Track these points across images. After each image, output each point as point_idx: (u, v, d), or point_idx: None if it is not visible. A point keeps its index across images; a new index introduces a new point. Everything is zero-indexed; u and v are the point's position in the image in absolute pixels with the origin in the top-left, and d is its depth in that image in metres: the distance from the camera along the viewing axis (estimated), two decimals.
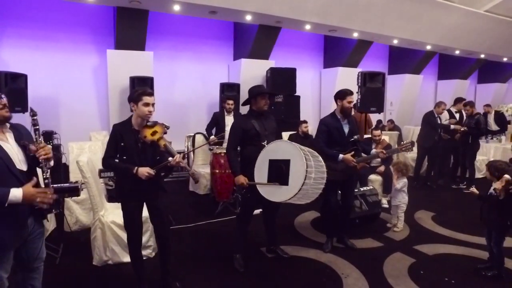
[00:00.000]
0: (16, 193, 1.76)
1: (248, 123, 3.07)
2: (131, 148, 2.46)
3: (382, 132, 5.86)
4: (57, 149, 5.48)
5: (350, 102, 3.45)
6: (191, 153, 5.58)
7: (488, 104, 8.12)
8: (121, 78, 6.32)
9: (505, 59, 11.21)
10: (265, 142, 2.98)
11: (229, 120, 5.41)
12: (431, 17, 7.90)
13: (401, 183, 4.16)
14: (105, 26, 6.66)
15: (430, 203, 5.24)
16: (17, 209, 1.85)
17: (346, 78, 8.36)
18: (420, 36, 8.41)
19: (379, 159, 5.05)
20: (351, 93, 3.48)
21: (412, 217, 4.63)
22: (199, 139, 5.76)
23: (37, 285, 2.22)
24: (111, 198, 4.65)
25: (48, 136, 5.65)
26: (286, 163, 2.70)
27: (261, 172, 2.87)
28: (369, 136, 5.46)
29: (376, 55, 10.04)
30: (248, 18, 6.67)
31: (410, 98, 10.28)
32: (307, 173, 2.55)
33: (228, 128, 5.33)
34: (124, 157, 2.48)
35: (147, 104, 2.46)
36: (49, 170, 1.99)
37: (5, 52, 6.07)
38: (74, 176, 4.20)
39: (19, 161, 1.93)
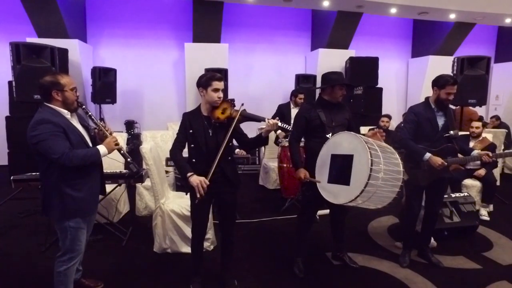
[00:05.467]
0: (101, 149, 2.17)
1: (313, 113, 2.73)
2: (199, 135, 2.37)
3: (485, 130, 4.89)
4: (136, 137, 5.85)
5: (449, 94, 2.81)
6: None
7: None
8: (197, 71, 6.38)
9: None
10: (330, 135, 2.61)
11: (295, 113, 5.10)
12: None
13: None
14: (184, 20, 6.91)
15: None
16: (93, 178, 2.24)
17: (439, 68, 7.18)
18: None
19: (478, 162, 4.18)
20: (453, 82, 2.80)
21: None
22: (272, 136, 5.56)
23: (81, 259, 2.38)
24: (180, 187, 4.78)
25: (130, 125, 6.08)
26: (348, 159, 2.30)
27: (322, 168, 2.52)
28: (467, 133, 4.58)
29: (478, 40, 8.57)
30: (326, 4, 6.21)
31: None
32: (371, 172, 2.12)
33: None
34: (192, 145, 2.39)
35: (216, 90, 2.33)
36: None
37: (101, 50, 6.72)
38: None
39: (87, 138, 2.25)
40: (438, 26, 7.52)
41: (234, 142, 2.55)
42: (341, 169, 2.37)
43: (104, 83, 5.83)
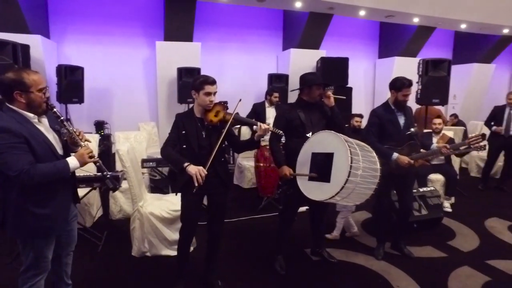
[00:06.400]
0: (71, 161, 1.86)
1: (293, 113, 2.79)
2: (192, 136, 2.37)
3: (445, 127, 5.21)
4: (107, 138, 5.66)
5: (405, 95, 2.97)
6: None
7: None
8: (169, 70, 6.37)
9: None
10: (310, 134, 2.68)
11: (270, 112, 5.18)
12: None
13: None
14: (155, 17, 6.74)
15: (505, 210, 4.54)
16: (63, 191, 1.94)
17: (404, 68, 7.62)
18: (495, 18, 7.38)
19: (442, 157, 4.46)
20: (409, 85, 2.97)
21: (482, 226, 4.03)
22: (245, 131, 5.59)
23: (68, 271, 2.23)
24: (155, 188, 4.69)
25: (100, 126, 5.86)
26: (328, 157, 2.38)
27: (303, 166, 2.58)
28: (429, 130, 4.86)
29: (439, 42, 9.09)
30: (298, 5, 6.32)
31: (479, 90, 9.16)
32: (351, 169, 2.20)
33: (269, 121, 5.14)
34: (184, 146, 2.39)
35: (208, 94, 2.34)
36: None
37: (66, 47, 6.39)
38: (120, 165, 4.25)
39: (58, 146, 1.95)
40: (403, 29, 7.88)
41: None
42: (322, 166, 2.43)
43: (71, 82, 5.57)
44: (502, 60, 9.91)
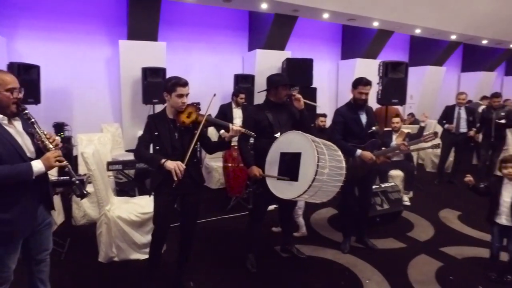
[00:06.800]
0: (36, 164, 1.77)
1: (261, 114, 2.85)
2: (165, 137, 2.37)
3: (403, 126, 5.53)
4: (67, 140, 5.41)
5: (361, 93, 3.14)
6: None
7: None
8: (133, 69, 6.19)
9: None
10: (278, 134, 2.76)
11: (237, 113, 5.23)
12: (458, 5, 7.43)
13: None
14: (118, 16, 6.53)
15: (455, 201, 4.91)
16: (28, 196, 1.84)
17: (365, 70, 7.98)
18: (445, 25, 7.95)
19: (401, 154, 4.74)
20: (365, 83, 3.13)
21: (436, 216, 4.34)
22: (211, 131, 5.58)
23: (44, 278, 2.13)
24: (120, 191, 4.56)
25: (59, 127, 5.58)
26: (296, 157, 2.46)
27: (272, 166, 2.65)
28: (389, 129, 5.15)
29: (396, 46, 9.61)
30: (264, 6, 6.40)
31: (432, 91, 9.81)
32: (318, 168, 2.29)
33: (236, 121, 5.19)
34: (157, 147, 2.38)
35: (180, 96, 2.34)
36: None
37: (18, 43, 6.01)
38: (82, 168, 4.09)
39: (28, 150, 1.87)
40: (364, 32, 8.24)
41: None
42: (290, 166, 2.51)
43: (25, 81, 5.21)
44: (452, 64, 10.68)
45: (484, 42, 9.49)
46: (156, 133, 2.38)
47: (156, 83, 5.75)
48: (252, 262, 3.00)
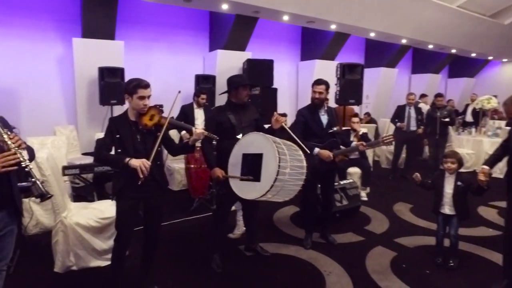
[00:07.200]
0: None
1: (223, 116, 2.88)
2: (127, 140, 2.31)
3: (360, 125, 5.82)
4: None
5: (314, 92, 3.32)
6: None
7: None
8: (89, 69, 5.92)
9: (473, 55, 11.57)
10: (240, 136, 2.80)
11: (199, 113, 5.22)
12: (407, 11, 7.93)
13: None
14: (71, 12, 6.19)
15: (408, 195, 5.26)
16: None
17: (324, 71, 8.26)
18: (395, 29, 8.45)
19: (357, 152, 4.98)
20: (317, 83, 3.33)
21: (391, 210, 4.62)
22: (172, 133, 5.49)
23: None
24: (77, 197, 4.36)
25: None
26: (258, 158, 2.52)
27: (235, 167, 2.69)
28: (348, 128, 5.39)
29: (353, 48, 10.04)
30: (225, 7, 6.41)
31: (386, 91, 10.38)
32: (279, 168, 2.36)
33: (197, 122, 5.17)
34: (119, 150, 2.32)
35: (142, 98, 2.29)
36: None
37: None
38: (35, 174, 3.85)
39: None
40: (322, 34, 8.51)
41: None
42: (252, 166, 2.55)
43: None
44: (403, 66, 11.37)
45: (430, 46, 10.21)
46: (118, 136, 2.32)
47: (114, 84, 5.55)
48: (217, 262, 3.02)
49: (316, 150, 3.22)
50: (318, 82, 3.33)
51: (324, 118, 3.37)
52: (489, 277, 2.87)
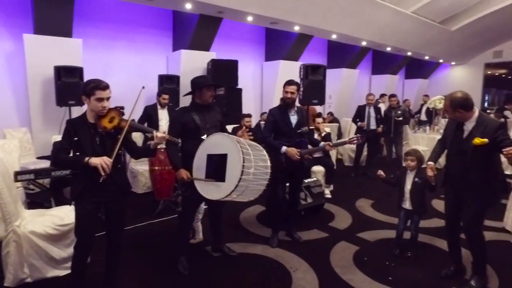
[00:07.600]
0: None
1: (188, 117, 2.86)
2: (86, 143, 2.22)
3: (323, 124, 6.00)
4: None
5: (286, 92, 3.43)
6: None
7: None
8: (43, 68, 5.59)
9: (426, 57, 12.33)
10: (205, 136, 2.79)
11: (162, 114, 5.13)
12: (366, 14, 8.27)
13: None
14: (21, 6, 5.81)
15: (369, 191, 5.49)
16: None
17: (288, 71, 8.42)
18: (356, 32, 8.78)
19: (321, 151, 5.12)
20: (289, 83, 3.46)
21: (353, 206, 4.80)
22: (135, 135, 5.34)
23: None
24: (32, 204, 4.10)
25: None
26: (222, 158, 2.53)
27: (199, 168, 2.67)
28: (312, 127, 5.53)
29: (316, 49, 10.30)
30: (188, 6, 6.32)
31: (347, 91, 10.75)
32: (244, 168, 2.38)
33: (161, 123, 5.08)
34: (78, 153, 2.23)
35: (100, 100, 2.20)
36: None
37: None
38: None
39: None
40: (286, 35, 8.65)
41: None
42: (217, 167, 2.56)
43: None
44: (364, 67, 11.84)
45: (388, 49, 10.73)
46: (76, 138, 2.23)
47: (71, 83, 5.28)
48: (184, 264, 2.98)
49: (284, 148, 3.30)
50: (290, 82, 3.44)
51: (293, 118, 3.45)
52: (441, 264, 3.08)
